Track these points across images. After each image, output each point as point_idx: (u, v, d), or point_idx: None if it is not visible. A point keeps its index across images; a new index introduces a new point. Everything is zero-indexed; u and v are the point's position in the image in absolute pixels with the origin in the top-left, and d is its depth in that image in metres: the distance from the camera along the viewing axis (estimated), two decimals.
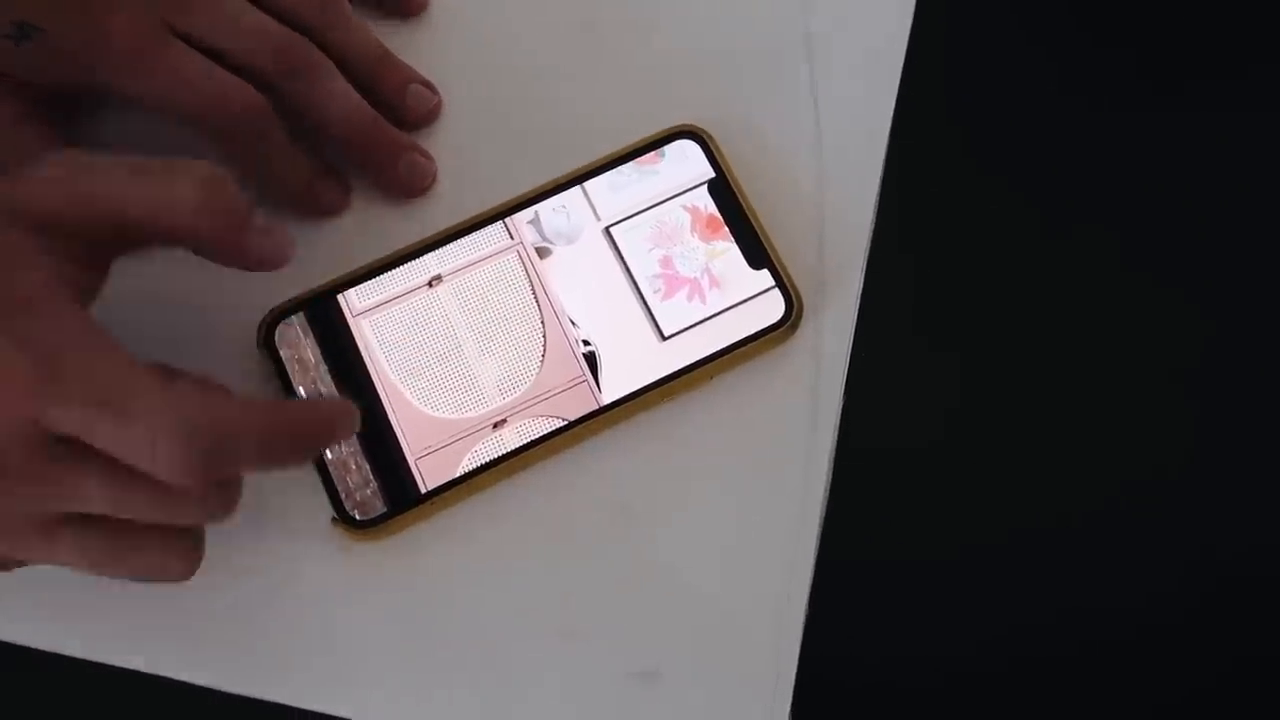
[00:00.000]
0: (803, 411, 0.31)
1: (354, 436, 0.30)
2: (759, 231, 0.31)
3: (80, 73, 0.31)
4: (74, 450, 0.24)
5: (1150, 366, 0.50)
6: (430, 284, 0.31)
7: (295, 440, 0.26)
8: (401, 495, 0.29)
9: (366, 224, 0.33)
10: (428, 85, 0.34)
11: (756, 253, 0.31)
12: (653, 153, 0.32)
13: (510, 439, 0.30)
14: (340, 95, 0.32)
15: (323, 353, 0.30)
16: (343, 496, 0.29)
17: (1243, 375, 0.50)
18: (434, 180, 0.33)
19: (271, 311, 0.31)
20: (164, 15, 0.31)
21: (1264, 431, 0.50)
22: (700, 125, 0.32)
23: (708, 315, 0.31)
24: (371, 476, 0.30)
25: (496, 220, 0.31)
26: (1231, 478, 0.50)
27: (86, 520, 0.25)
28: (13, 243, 0.26)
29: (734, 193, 0.32)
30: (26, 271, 0.25)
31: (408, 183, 0.33)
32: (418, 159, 0.33)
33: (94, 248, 0.27)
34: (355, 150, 0.32)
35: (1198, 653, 0.49)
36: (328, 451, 0.30)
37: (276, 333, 0.31)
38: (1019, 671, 0.51)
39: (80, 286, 0.27)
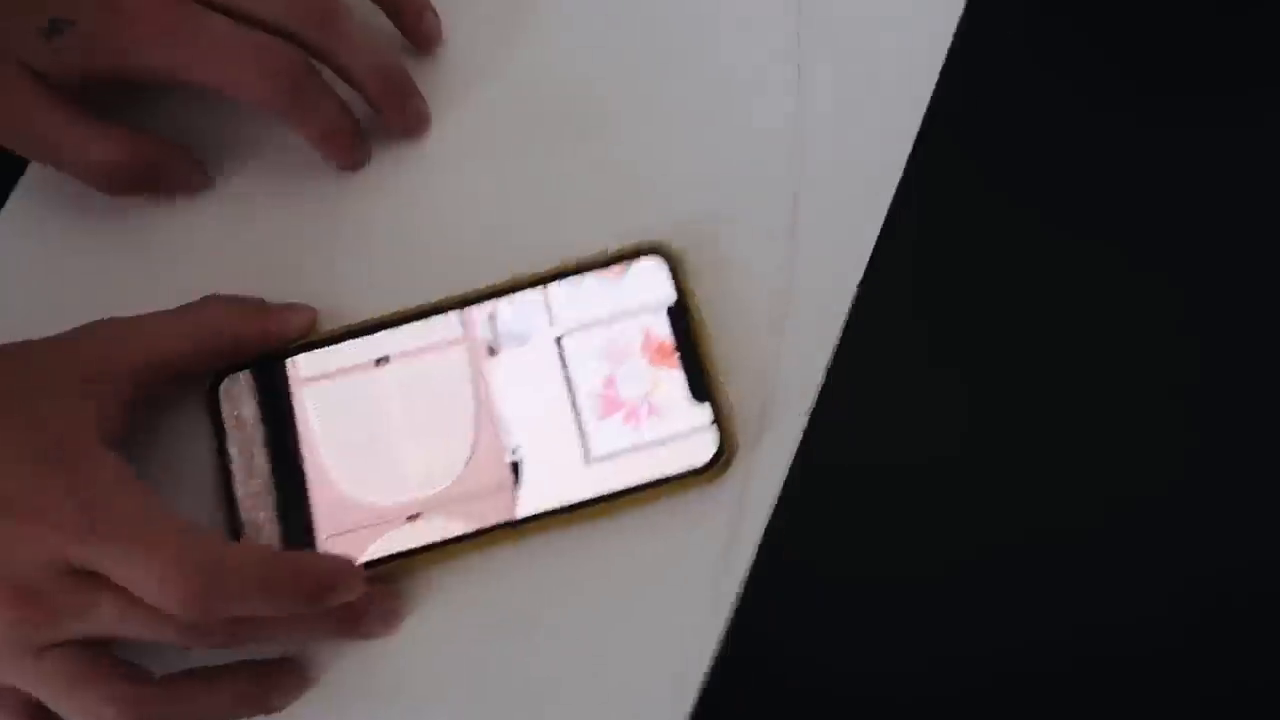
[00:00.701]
0: (716, 555, 0.30)
1: (272, 500, 0.30)
2: (708, 366, 0.31)
3: (115, 58, 0.32)
4: (94, 578, 0.27)
5: (1149, 383, 0.47)
6: (377, 363, 0.31)
7: (296, 587, 0.28)
8: None
9: (329, 295, 0.33)
10: (434, 12, 0.36)
11: (701, 387, 0.30)
12: (619, 265, 0.32)
13: (421, 534, 0.30)
14: (362, 41, 0.34)
15: (261, 414, 0.31)
16: None
17: (1245, 392, 0.47)
18: (429, 126, 0.35)
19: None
20: (170, 27, 0.32)
21: (1266, 448, 0.47)
22: (672, 245, 0.32)
23: (639, 444, 0.30)
24: (280, 544, 0.30)
25: (453, 310, 0.32)
26: (1231, 496, 0.47)
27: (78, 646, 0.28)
28: (67, 391, 0.29)
29: (691, 321, 0.31)
30: (75, 416, 0.29)
31: (415, 125, 0.35)
32: (421, 104, 0.35)
33: (144, 389, 0.30)
34: (375, 92, 0.34)
35: (1195, 673, 0.47)
36: (244, 511, 0.30)
37: (222, 387, 0.31)
38: (1011, 688, 0.49)
39: (117, 430, 0.30)
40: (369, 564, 0.30)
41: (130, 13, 0.32)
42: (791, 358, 0.32)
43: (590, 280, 0.32)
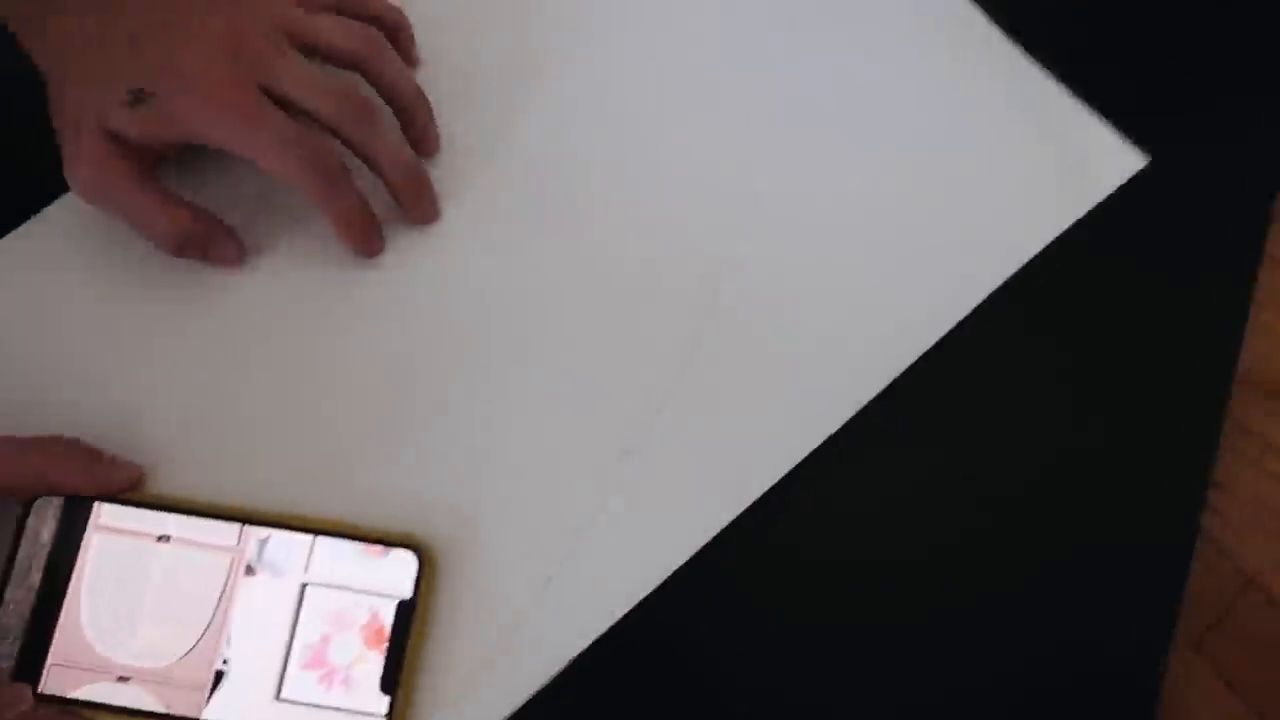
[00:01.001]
0: None
1: (28, 613, 0.36)
2: (406, 667, 0.36)
3: (185, 129, 0.39)
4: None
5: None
6: (159, 538, 0.37)
7: None
8: (23, 677, 0.35)
9: (168, 466, 0.39)
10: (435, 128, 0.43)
11: (392, 681, 0.35)
12: (380, 546, 0.37)
13: (121, 696, 0.35)
14: (388, 139, 0.41)
15: (54, 540, 0.37)
16: None
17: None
18: (439, 218, 0.43)
19: None
20: (257, 78, 0.38)
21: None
22: (435, 545, 0.37)
23: (322, 703, 0.35)
24: (19, 641, 0.36)
25: (237, 522, 0.37)
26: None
27: None
28: None
29: (413, 622, 0.36)
30: None
31: (429, 215, 0.43)
32: (435, 199, 0.43)
33: None
34: (398, 184, 0.41)
35: None
36: (2, 613, 0.36)
37: (36, 503, 0.37)
38: None
39: None
40: (75, 700, 0.35)
41: (203, 93, 0.38)
42: (492, 689, 0.37)
43: (352, 548, 0.37)
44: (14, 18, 0.39)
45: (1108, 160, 0.42)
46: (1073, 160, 0.41)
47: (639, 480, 0.39)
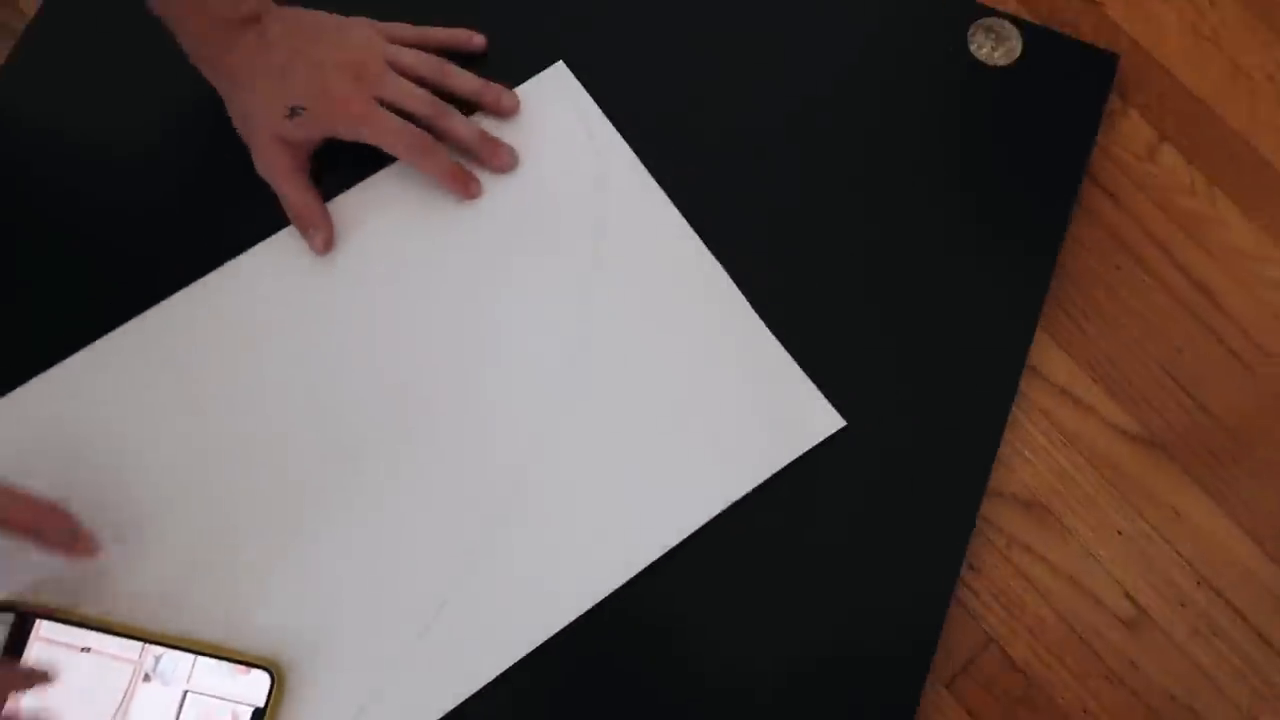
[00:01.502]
0: None
1: None
2: None
3: (327, 131, 0.58)
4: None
5: None
6: (83, 649, 0.50)
7: None
8: None
9: (95, 594, 0.52)
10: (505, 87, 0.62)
11: None
12: (245, 666, 0.51)
13: None
14: (462, 123, 0.59)
15: (5, 645, 0.50)
16: None
17: None
18: (517, 163, 0.61)
19: None
20: (371, 92, 0.57)
21: None
22: (284, 667, 0.51)
23: None
24: None
25: (140, 640, 0.50)
26: None
27: None
28: None
29: None
30: None
31: (505, 164, 0.60)
32: (509, 150, 0.60)
33: None
34: (474, 148, 0.59)
35: None
36: None
37: None
38: None
39: None
40: None
41: (340, 104, 0.57)
42: None
43: (223, 666, 0.50)
44: (199, 58, 0.58)
45: (815, 419, 0.56)
46: (786, 415, 0.56)
47: (450, 622, 0.53)
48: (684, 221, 0.59)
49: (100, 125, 0.62)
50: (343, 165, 0.60)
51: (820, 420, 0.56)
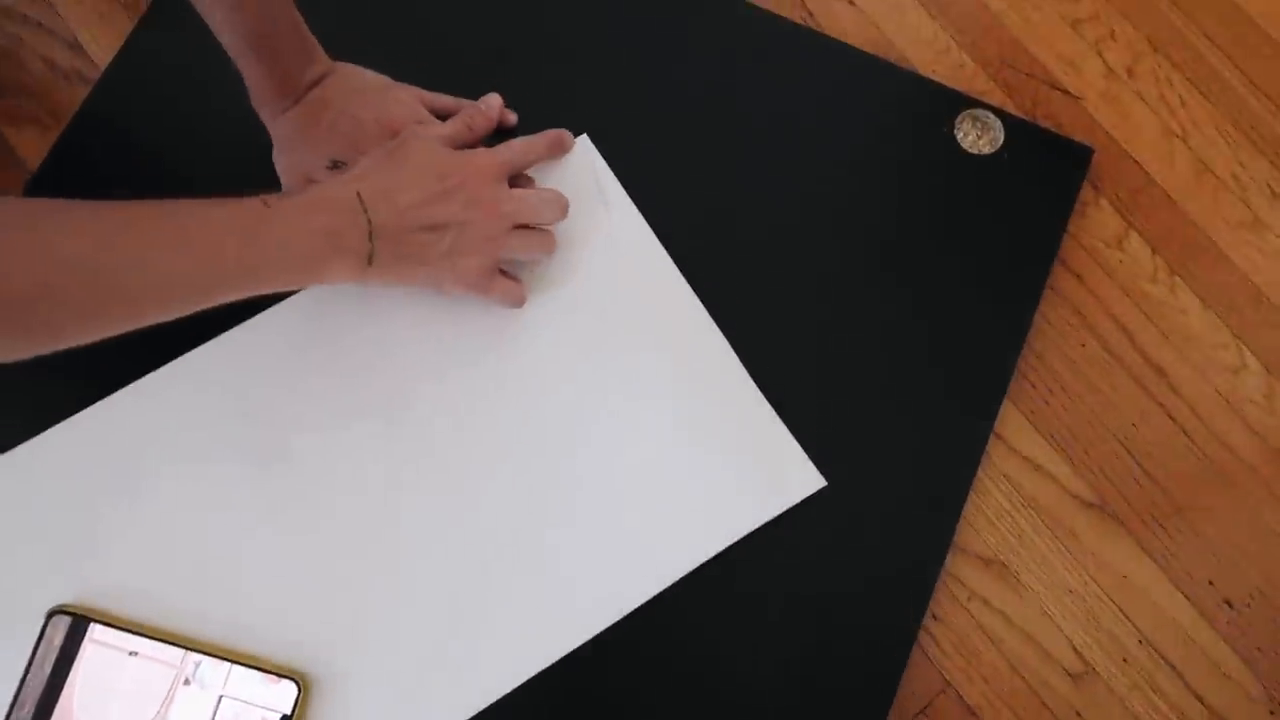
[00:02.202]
0: None
1: (40, 689, 0.55)
2: None
3: None
4: None
5: None
6: (130, 653, 0.56)
7: None
8: None
9: (144, 601, 0.58)
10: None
11: None
12: (275, 675, 0.56)
13: None
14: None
15: (63, 645, 0.56)
16: None
17: None
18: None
19: (55, 606, 0.57)
20: None
21: None
22: (310, 678, 0.57)
23: None
24: (33, 710, 0.55)
25: (182, 648, 0.56)
26: None
27: None
28: None
29: None
30: None
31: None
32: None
33: None
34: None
35: None
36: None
37: (51, 619, 0.56)
38: None
39: None
40: None
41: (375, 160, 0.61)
42: None
43: (255, 675, 0.56)
44: (261, 104, 0.63)
45: (798, 478, 0.62)
46: (772, 474, 0.61)
47: (458, 646, 0.58)
48: (688, 287, 0.65)
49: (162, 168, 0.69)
50: None
51: (803, 479, 0.62)
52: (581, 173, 0.68)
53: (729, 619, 0.60)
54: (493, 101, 0.68)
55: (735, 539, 0.61)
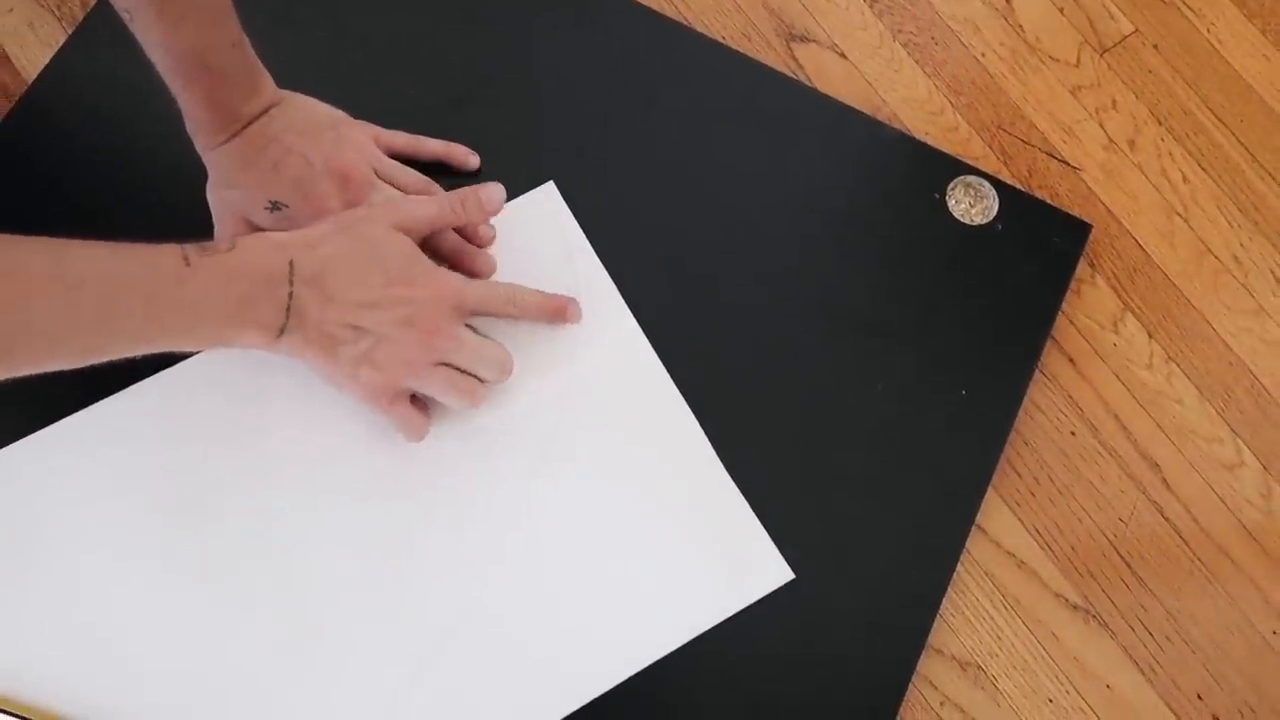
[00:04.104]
0: None
1: None
2: None
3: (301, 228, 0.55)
4: None
5: None
6: None
7: None
8: None
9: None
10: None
11: None
12: None
13: None
14: (444, 234, 0.60)
15: None
16: None
17: None
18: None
19: None
20: (351, 200, 0.57)
21: None
22: None
23: None
24: None
25: None
26: None
27: None
28: None
29: None
30: None
31: (479, 272, 0.60)
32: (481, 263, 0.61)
33: None
34: (451, 259, 0.60)
35: None
36: None
37: None
38: None
39: None
40: None
41: (319, 208, 0.56)
42: None
43: None
44: (199, 132, 0.57)
45: (766, 570, 0.57)
46: (739, 564, 0.57)
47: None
48: (654, 355, 0.60)
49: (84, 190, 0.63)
50: None
51: (770, 571, 0.57)
52: (545, 221, 0.63)
53: (687, 717, 0.55)
54: (494, 194, 0.59)
55: (698, 633, 0.56)
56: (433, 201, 0.58)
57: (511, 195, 0.63)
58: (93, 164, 0.63)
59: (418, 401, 0.57)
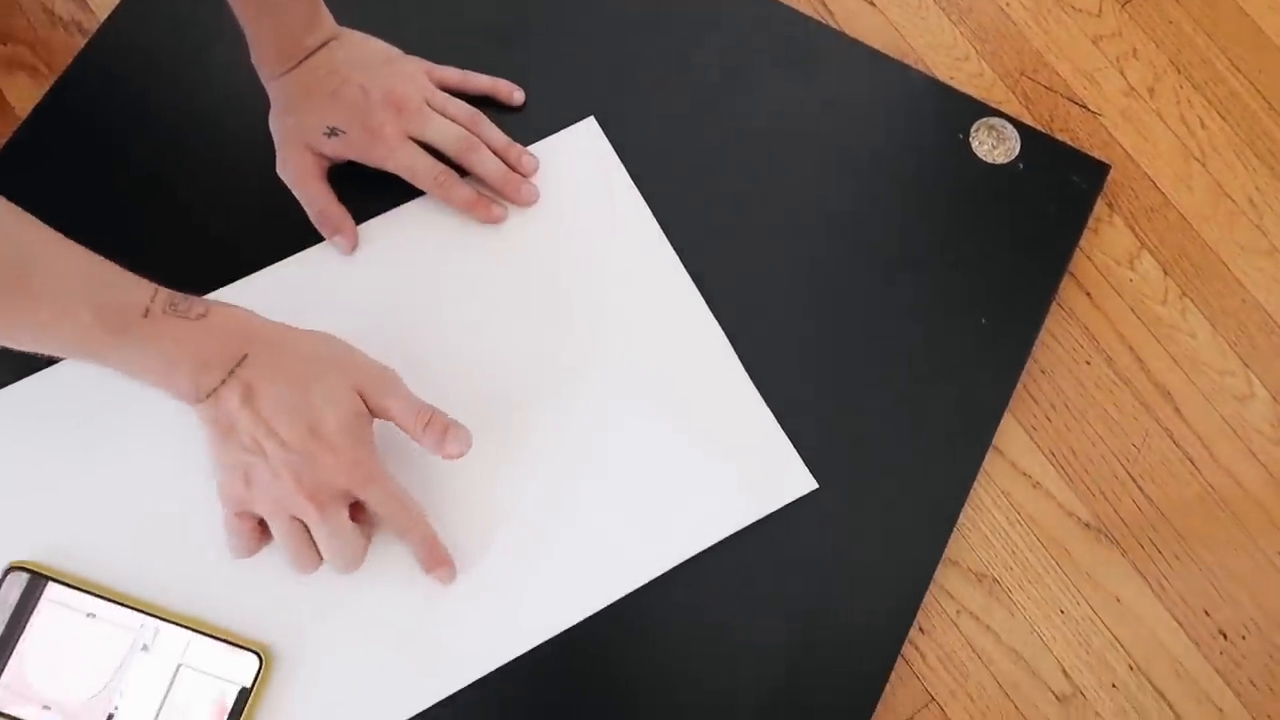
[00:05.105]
0: None
1: None
2: None
3: (359, 154, 0.62)
4: None
5: None
6: (88, 615, 0.54)
7: None
8: None
9: (106, 563, 0.56)
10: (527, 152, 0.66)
11: None
12: (235, 646, 0.54)
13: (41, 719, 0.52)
14: (489, 159, 0.64)
15: (17, 603, 0.54)
16: None
17: None
18: (537, 199, 0.65)
19: (13, 562, 0.55)
20: (406, 127, 0.62)
21: None
22: (274, 651, 0.55)
23: None
24: None
25: (142, 614, 0.54)
26: None
27: None
28: None
29: (248, 704, 0.53)
30: None
31: (526, 199, 0.64)
32: (530, 187, 0.65)
33: None
34: (497, 185, 0.64)
35: None
36: None
37: (7, 576, 0.54)
38: None
39: None
40: (9, 715, 0.52)
41: (375, 135, 0.62)
42: None
43: (216, 645, 0.54)
44: (263, 63, 0.62)
45: (791, 479, 0.60)
46: (765, 473, 0.60)
47: (427, 630, 0.56)
48: (689, 280, 0.63)
49: (156, 125, 0.67)
50: (375, 194, 0.65)
51: (794, 480, 0.60)
52: (588, 156, 0.66)
53: (712, 619, 0.58)
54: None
55: (723, 536, 0.59)
56: (401, 395, 0.55)
57: (557, 128, 0.67)
58: (163, 97, 0.67)
59: (265, 528, 0.55)
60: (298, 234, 0.63)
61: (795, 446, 0.61)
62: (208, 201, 0.65)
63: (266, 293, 0.62)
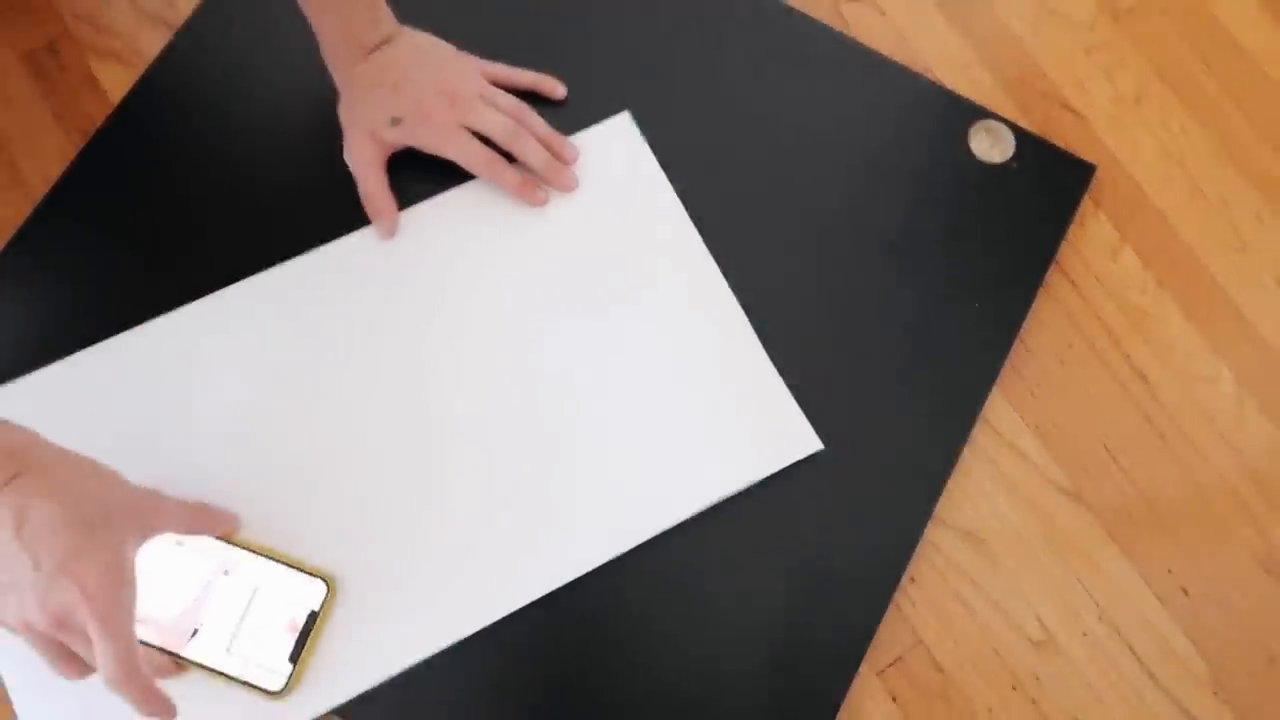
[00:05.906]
0: None
1: None
2: (306, 651, 0.60)
3: (418, 141, 0.70)
4: None
5: None
6: (178, 543, 0.61)
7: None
8: None
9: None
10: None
11: (295, 656, 0.60)
12: (306, 574, 0.62)
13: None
14: (535, 147, 0.70)
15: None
16: None
17: None
18: (577, 186, 0.72)
19: None
20: (460, 117, 0.69)
21: None
22: (339, 579, 0.62)
23: (251, 659, 0.60)
24: None
25: (225, 543, 0.62)
26: None
27: None
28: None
29: (316, 623, 0.61)
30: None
31: (569, 184, 0.71)
32: (572, 175, 0.72)
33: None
34: (541, 172, 0.71)
35: None
36: None
37: None
38: None
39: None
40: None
41: (432, 123, 0.69)
42: (359, 671, 0.61)
43: (289, 572, 0.61)
44: (331, 59, 0.69)
45: (798, 439, 0.67)
46: (773, 433, 0.67)
47: (479, 554, 0.64)
48: (712, 260, 0.70)
49: (232, 120, 0.74)
50: (424, 179, 0.72)
51: (801, 440, 0.67)
52: (622, 146, 0.73)
53: (723, 565, 0.65)
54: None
55: (732, 491, 0.66)
56: (184, 517, 0.60)
57: (592, 121, 0.74)
58: (241, 89, 0.75)
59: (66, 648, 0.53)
60: (355, 215, 0.71)
61: (803, 411, 0.68)
62: (272, 185, 0.72)
63: (316, 270, 0.70)
